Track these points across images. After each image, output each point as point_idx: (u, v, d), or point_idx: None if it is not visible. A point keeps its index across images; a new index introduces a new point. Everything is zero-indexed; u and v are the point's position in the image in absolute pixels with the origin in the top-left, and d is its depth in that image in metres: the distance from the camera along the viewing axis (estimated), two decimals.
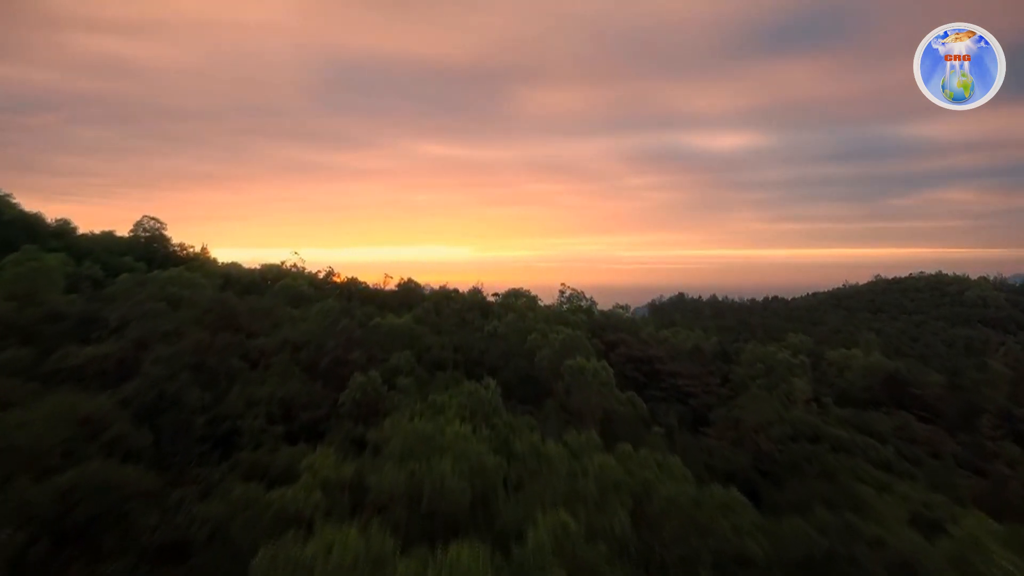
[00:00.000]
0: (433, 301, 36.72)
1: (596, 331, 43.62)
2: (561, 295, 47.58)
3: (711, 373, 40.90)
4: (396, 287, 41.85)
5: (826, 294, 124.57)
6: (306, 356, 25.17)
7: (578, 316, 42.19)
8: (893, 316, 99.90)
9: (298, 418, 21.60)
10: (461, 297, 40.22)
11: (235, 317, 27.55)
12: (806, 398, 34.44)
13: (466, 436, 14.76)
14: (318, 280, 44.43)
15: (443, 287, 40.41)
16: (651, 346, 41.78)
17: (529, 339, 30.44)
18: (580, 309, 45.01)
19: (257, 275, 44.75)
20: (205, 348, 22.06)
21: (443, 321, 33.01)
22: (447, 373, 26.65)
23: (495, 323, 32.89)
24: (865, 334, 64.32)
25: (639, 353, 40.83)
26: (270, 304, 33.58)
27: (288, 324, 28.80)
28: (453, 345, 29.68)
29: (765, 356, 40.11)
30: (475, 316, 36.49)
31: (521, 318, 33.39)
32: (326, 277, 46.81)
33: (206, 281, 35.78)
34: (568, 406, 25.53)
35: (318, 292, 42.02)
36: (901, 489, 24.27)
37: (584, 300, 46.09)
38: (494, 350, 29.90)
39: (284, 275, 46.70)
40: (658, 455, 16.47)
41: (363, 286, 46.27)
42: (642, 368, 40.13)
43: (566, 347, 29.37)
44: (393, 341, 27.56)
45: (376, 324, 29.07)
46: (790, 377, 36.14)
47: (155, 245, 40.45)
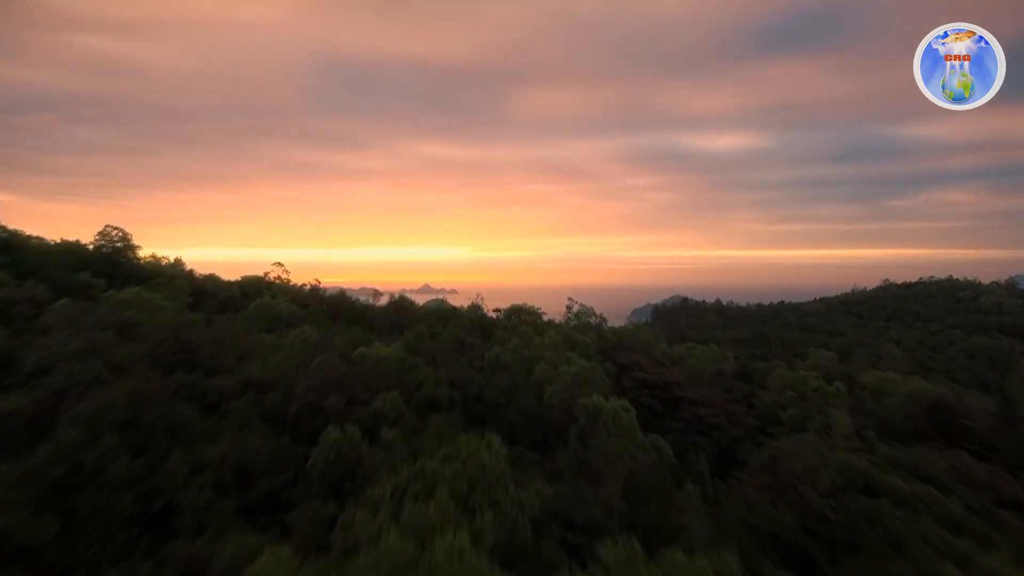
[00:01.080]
0: (428, 323, 32.57)
1: (607, 351, 39.63)
2: (568, 310, 43.45)
3: (736, 401, 36.83)
4: (388, 303, 37.72)
5: (835, 299, 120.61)
6: (273, 401, 21.06)
7: (587, 335, 38.09)
8: (907, 324, 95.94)
9: (257, 485, 17.47)
10: (459, 316, 36.06)
11: (193, 350, 23.43)
12: (847, 433, 30.46)
13: (462, 550, 10.73)
14: (303, 295, 40.23)
15: (439, 304, 36.26)
16: (668, 369, 37.73)
17: (536, 370, 26.39)
18: (589, 326, 40.92)
19: (235, 289, 40.60)
20: (144, 397, 17.96)
21: (438, 348, 28.93)
22: (442, 416, 22.52)
23: (497, 349, 28.81)
24: (890, 348, 60.36)
25: (656, 378, 36.79)
26: (241, 329, 29.46)
27: (258, 356, 24.68)
28: (449, 378, 25.61)
29: (796, 382, 36.10)
30: (475, 339, 32.40)
31: (526, 343, 29.34)
32: (312, 291, 42.52)
33: (170, 302, 31.59)
34: (584, 457, 21.47)
35: (303, 309, 37.89)
36: (987, 564, 20.33)
37: (593, 316, 42.00)
38: (496, 384, 25.83)
39: (267, 288, 42.59)
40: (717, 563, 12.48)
41: (352, 299, 42.12)
42: (659, 395, 36.08)
43: (580, 381, 25.32)
44: (379, 377, 23.48)
45: (361, 355, 24.98)
46: (827, 408, 32.17)
47: (120, 258, 36.01)
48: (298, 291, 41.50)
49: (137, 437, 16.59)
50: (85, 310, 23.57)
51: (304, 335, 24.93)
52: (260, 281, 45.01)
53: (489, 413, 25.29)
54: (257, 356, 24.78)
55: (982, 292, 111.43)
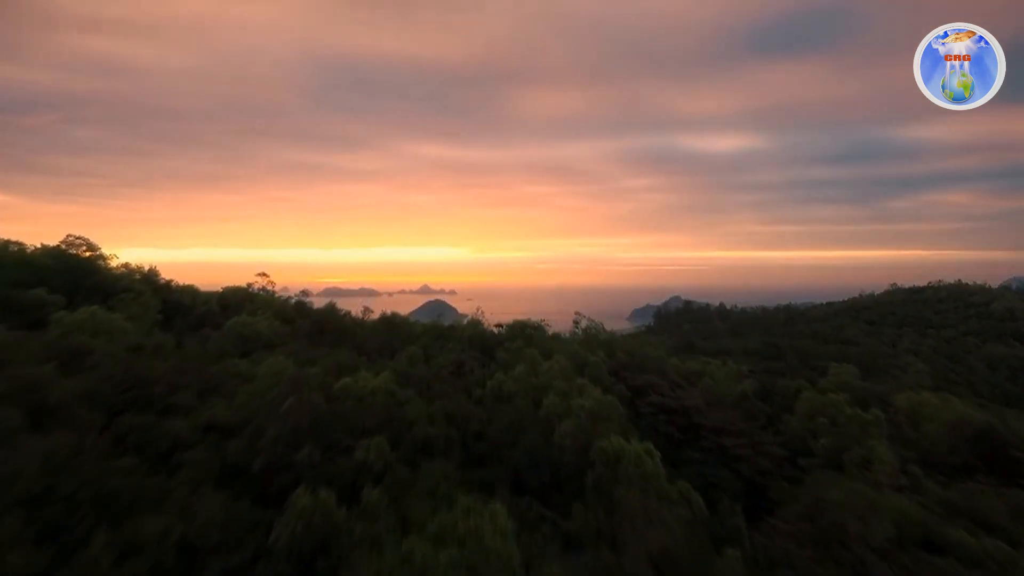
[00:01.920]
0: (423, 343, 29.13)
1: (618, 370, 36.31)
2: (575, 325, 40.07)
3: (762, 427, 33.50)
4: (380, 318, 34.30)
5: (843, 304, 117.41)
6: (236, 450, 17.70)
7: (597, 355, 34.69)
8: (920, 331, 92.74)
9: (206, 568, 14.09)
10: (457, 333, 32.61)
11: (149, 384, 20.04)
12: (892, 470, 27.15)
13: None
14: (287, 309, 36.74)
15: (435, 320, 32.86)
16: (686, 393, 34.41)
17: (545, 403, 23.07)
18: (598, 341, 37.54)
19: (215, 302, 37.16)
20: (70, 455, 14.58)
21: (434, 375, 25.56)
22: (436, 464, 19.13)
23: (500, 376, 25.44)
24: (913, 362, 57.12)
25: (673, 402, 33.46)
26: (212, 354, 26.05)
27: (227, 390, 21.28)
28: (445, 414, 22.23)
29: (827, 407, 32.85)
30: (475, 363, 28.99)
31: (532, 369, 26.00)
32: (298, 305, 38.95)
33: (136, 322, 28.12)
34: (604, 516, 18.14)
35: (286, 325, 34.45)
36: None
37: (603, 332, 38.59)
38: (499, 419, 22.47)
39: (248, 301, 39.13)
40: None
41: (341, 314, 38.64)
42: (677, 421, 32.73)
43: (595, 418, 21.99)
44: (364, 416, 20.14)
45: (344, 388, 21.58)
46: (866, 439, 28.90)
47: (84, 270, 32.42)
48: (283, 305, 38.06)
49: (51, 513, 13.19)
50: (20, 340, 20.14)
51: (278, 366, 21.54)
52: (243, 292, 41.57)
53: (491, 454, 21.93)
54: (225, 389, 21.39)
55: (993, 297, 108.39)
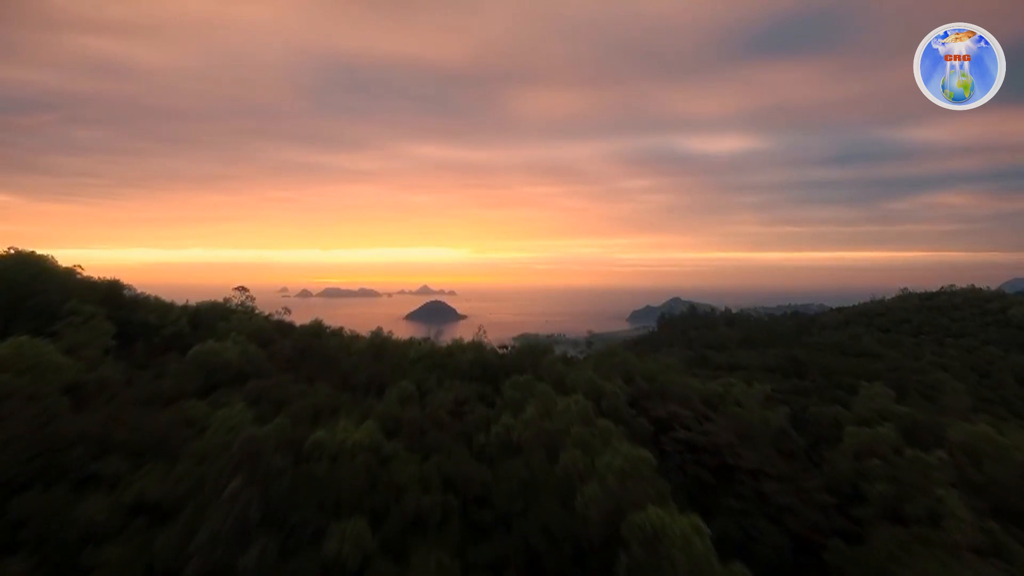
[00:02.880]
0: (416, 373, 24.83)
1: (637, 398, 32.19)
2: (588, 346, 36.12)
3: (804, 469, 29.33)
4: (369, 340, 30.07)
5: (853, 310, 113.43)
6: (166, 546, 13.51)
7: (615, 383, 30.50)
8: (938, 340, 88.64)
9: None
10: (456, 359, 28.27)
11: (67, 447, 15.85)
12: (969, 528, 22.99)
13: None
14: (266, 330, 32.31)
15: (431, 346, 28.60)
16: (715, 426, 30.18)
17: (563, 458, 18.92)
18: (613, 364, 33.34)
19: (185, 321, 32.87)
20: None
21: (428, 418, 21.34)
22: (430, 547, 14.95)
23: (507, 419, 21.22)
24: (946, 380, 52.97)
25: (701, 438, 29.25)
26: (166, 392, 21.82)
27: (173, 446, 17.11)
28: (443, 476, 18.08)
29: (877, 444, 28.65)
30: (477, 399, 24.69)
31: (545, 410, 21.79)
32: (278, 325, 34.55)
33: (77, 355, 23.78)
34: None
35: (262, 349, 30.22)
36: None
37: (617, 353, 34.29)
38: (507, 480, 18.28)
39: (223, 319, 34.87)
40: None
41: (326, 334, 34.33)
42: (707, 461, 28.49)
43: (625, 481, 17.86)
44: (340, 483, 15.97)
45: (317, 445, 17.36)
46: (930, 486, 24.73)
47: (23, 290, 27.78)
48: (262, 324, 33.75)
49: None
50: None
51: (234, 418, 17.32)
52: (219, 308, 37.30)
53: (498, 524, 17.79)
54: (170, 446, 17.20)
55: (1010, 303, 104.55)
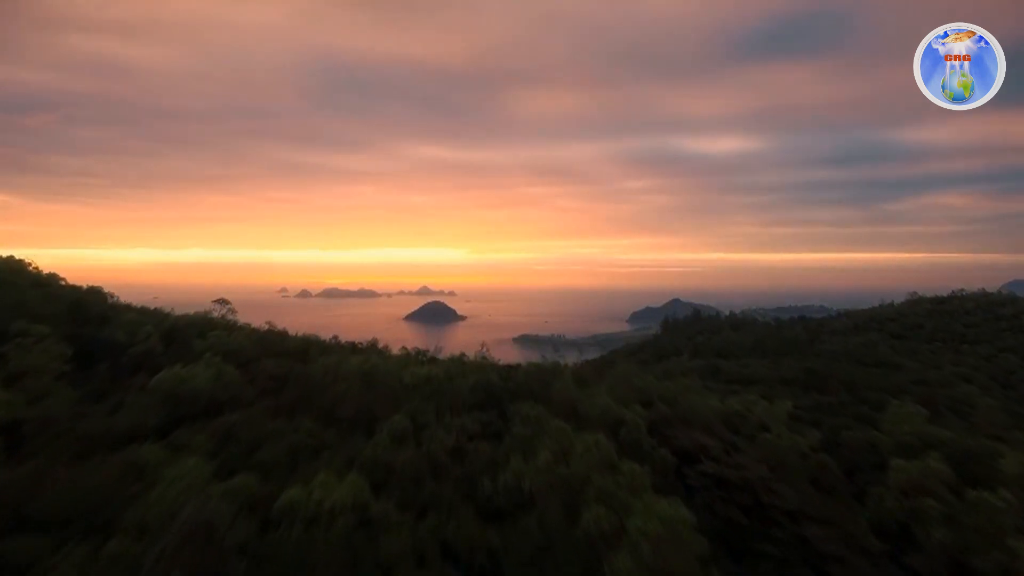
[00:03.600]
0: (412, 406, 21.43)
1: (658, 425, 28.97)
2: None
3: (848, 507, 26.11)
4: (356, 373, 26.61)
5: (863, 315, 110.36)
6: None
7: (632, 409, 27.28)
8: (954, 347, 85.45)
9: None
10: (457, 387, 24.88)
11: None
12: None
13: None
14: (247, 348, 28.96)
15: (429, 369, 25.41)
16: (744, 457, 27.00)
17: (585, 517, 15.75)
18: (630, 387, 30.13)
19: (157, 338, 29.56)
20: None
21: (424, 461, 18.17)
22: None
23: (517, 464, 17.99)
24: (975, 394, 49.88)
25: (732, 473, 25.98)
26: (120, 431, 18.57)
27: (109, 515, 13.93)
28: (440, 542, 14.92)
29: (929, 480, 25.47)
30: (481, 434, 21.49)
31: (562, 452, 18.58)
32: (264, 338, 31.20)
33: (6, 392, 20.45)
34: None
35: (241, 372, 26.96)
36: None
37: (637, 377, 31.00)
38: (518, 548, 15.15)
39: (202, 334, 31.63)
40: None
41: (314, 354, 31.01)
42: (739, 499, 25.28)
43: (661, 546, 14.70)
44: (314, 560, 12.81)
45: (289, 507, 14.25)
46: (1001, 536, 21.66)
47: None
48: (243, 342, 30.41)
49: None
50: None
51: (186, 476, 14.13)
52: (199, 322, 34.01)
53: None
54: (105, 515, 14.04)
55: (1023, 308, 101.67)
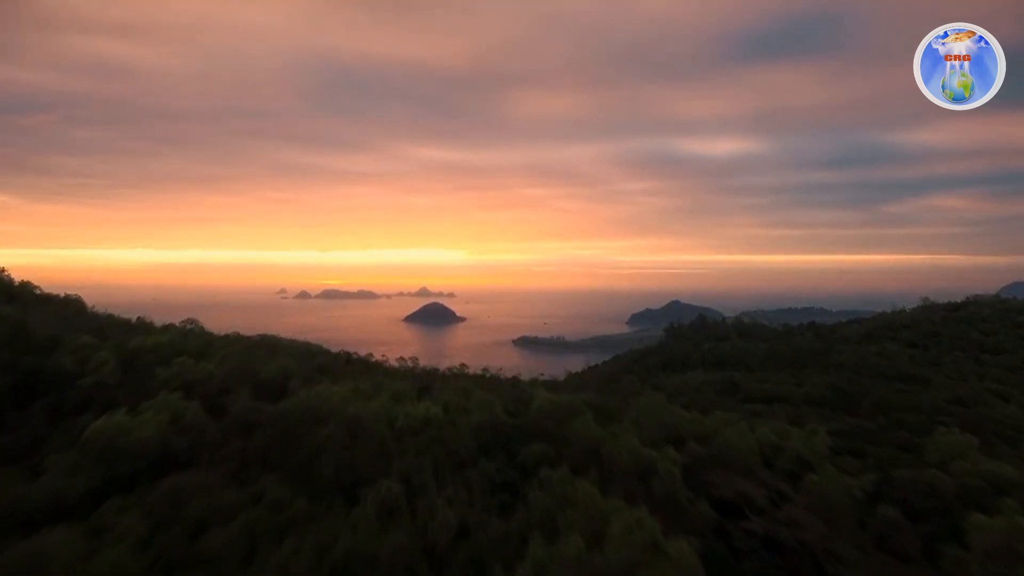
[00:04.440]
0: (404, 463, 17.20)
1: (694, 472, 24.87)
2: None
3: (916, 566, 22.09)
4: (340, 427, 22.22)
5: (875, 322, 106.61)
6: None
7: (666, 455, 23.13)
8: (973, 356, 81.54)
9: None
10: (458, 428, 20.75)
11: None
12: None
13: None
14: (216, 379, 24.63)
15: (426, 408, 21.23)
16: (795, 509, 22.94)
17: None
18: (658, 421, 26.05)
19: (114, 363, 25.38)
20: None
21: (419, 542, 14.16)
22: None
23: (538, 553, 14.02)
24: (1017, 415, 45.97)
25: (784, 532, 21.61)
26: (35, 502, 14.50)
27: None
28: None
29: (1015, 537, 21.56)
30: (491, 497, 17.46)
31: (593, 538, 14.44)
32: (245, 365, 26.65)
33: None
34: None
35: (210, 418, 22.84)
36: None
37: (664, 409, 26.77)
38: None
39: (167, 360, 27.49)
40: None
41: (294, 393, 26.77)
42: (797, 566, 21.16)
43: None
44: None
45: None
46: None
47: None
48: (211, 372, 26.13)
49: None
50: None
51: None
52: (165, 346, 29.81)
53: None
54: None
55: None
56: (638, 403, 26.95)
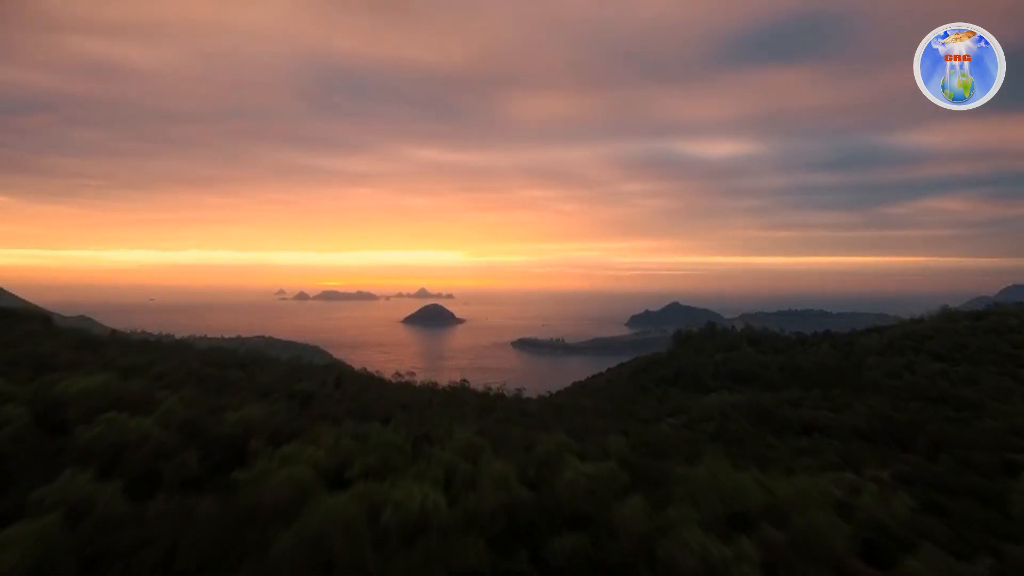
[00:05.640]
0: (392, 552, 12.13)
1: (772, 567, 19.44)
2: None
3: None
4: (308, 531, 16.79)
5: (896, 332, 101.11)
6: None
7: (736, 548, 17.55)
8: (1010, 372, 75.83)
9: None
10: (467, 504, 15.51)
11: None
12: None
13: None
14: (153, 440, 19.45)
15: (420, 508, 16.10)
16: None
17: None
18: (723, 494, 20.37)
19: (26, 421, 19.99)
20: None
21: None
22: None
23: None
24: None
25: None
26: None
27: None
28: None
29: None
30: None
31: None
32: (187, 426, 21.35)
33: None
34: None
35: (135, 503, 17.17)
36: None
37: (729, 480, 21.38)
38: None
39: (113, 403, 21.84)
40: None
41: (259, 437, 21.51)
42: None
43: None
44: None
45: None
46: None
47: None
48: (150, 429, 20.59)
49: None
50: None
51: None
52: (104, 388, 24.02)
53: None
54: None
55: None
56: (695, 472, 21.22)
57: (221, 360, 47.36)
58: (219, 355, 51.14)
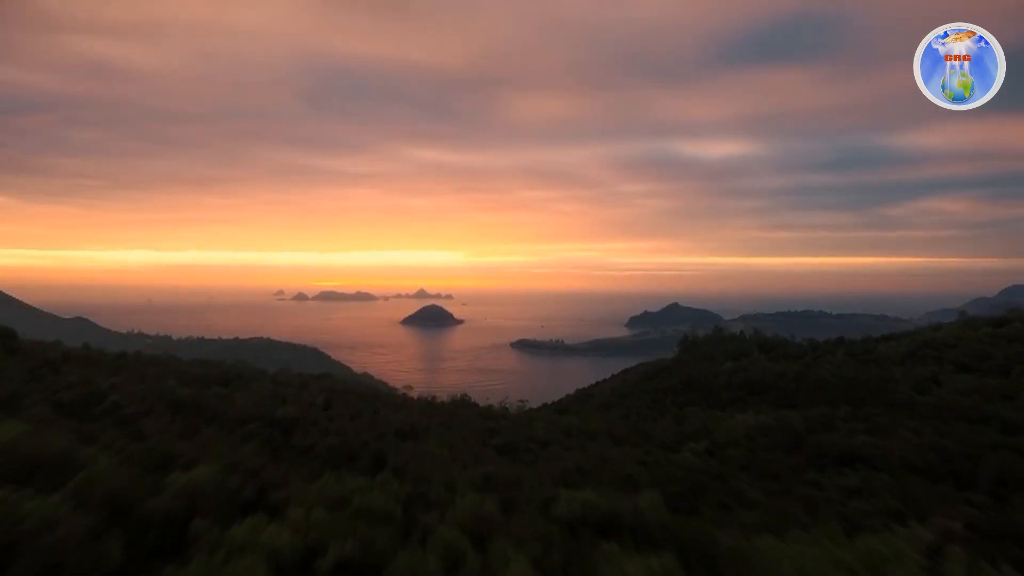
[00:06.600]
0: None
1: None
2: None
3: None
4: None
5: (915, 338, 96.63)
6: None
7: None
8: None
9: None
10: None
11: None
12: None
13: None
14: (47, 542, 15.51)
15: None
16: None
17: None
18: None
19: None
20: None
21: None
22: None
23: None
24: None
25: None
26: None
27: None
28: None
29: None
30: None
31: None
32: (126, 489, 17.77)
33: None
34: None
35: None
36: None
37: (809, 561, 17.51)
38: None
39: (32, 461, 17.59)
40: None
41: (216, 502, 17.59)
42: None
43: None
44: None
45: None
46: None
47: None
48: (54, 520, 16.74)
49: None
50: None
51: None
52: (13, 443, 19.94)
53: None
54: None
55: None
56: (762, 548, 16.82)
57: (203, 375, 42.81)
58: (201, 369, 46.60)
